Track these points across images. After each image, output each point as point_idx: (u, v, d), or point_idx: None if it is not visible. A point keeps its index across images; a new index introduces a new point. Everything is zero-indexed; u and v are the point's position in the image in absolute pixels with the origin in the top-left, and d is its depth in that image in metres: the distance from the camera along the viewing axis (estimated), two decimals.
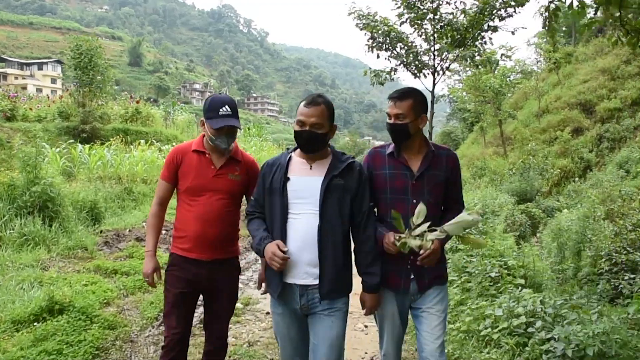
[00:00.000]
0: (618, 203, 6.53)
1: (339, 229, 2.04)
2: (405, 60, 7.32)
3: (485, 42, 7.35)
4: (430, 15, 6.95)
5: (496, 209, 9.18)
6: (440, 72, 7.66)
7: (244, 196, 2.47)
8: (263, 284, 2.38)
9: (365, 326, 4.05)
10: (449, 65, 7.52)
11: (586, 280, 4.83)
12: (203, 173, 2.30)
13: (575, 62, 21.38)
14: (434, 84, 7.62)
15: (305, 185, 2.04)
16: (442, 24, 7.06)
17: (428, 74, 7.67)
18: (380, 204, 2.19)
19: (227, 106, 2.25)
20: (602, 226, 5.94)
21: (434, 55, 7.37)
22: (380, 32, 7.31)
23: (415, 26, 7.20)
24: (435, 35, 7.18)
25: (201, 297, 2.45)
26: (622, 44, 3.66)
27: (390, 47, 7.48)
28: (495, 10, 6.76)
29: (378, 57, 7.64)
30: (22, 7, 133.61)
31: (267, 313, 4.20)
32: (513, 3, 6.37)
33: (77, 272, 4.84)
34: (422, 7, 6.86)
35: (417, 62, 7.37)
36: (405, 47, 7.45)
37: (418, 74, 7.63)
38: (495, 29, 7.11)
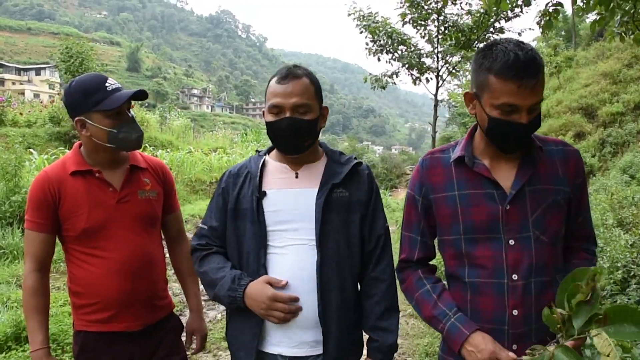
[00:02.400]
0: (633, 210, 6.22)
1: (347, 266, 1.34)
2: (407, 62, 7.03)
3: None
4: (435, 16, 6.68)
5: None
6: (445, 75, 7.37)
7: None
8: (194, 338, 1.71)
9: None
10: (453, 68, 7.23)
11: (608, 297, 4.52)
12: (100, 202, 1.49)
13: (576, 66, 21.23)
14: (437, 88, 7.34)
15: (290, 202, 1.35)
16: (446, 25, 6.78)
17: (431, 78, 7.38)
18: (447, 250, 1.33)
19: (110, 80, 1.49)
20: (615, 235, 5.65)
21: (438, 58, 7.10)
22: (381, 33, 7.02)
23: (419, 27, 6.93)
24: (439, 36, 6.89)
25: None
26: (624, 41, 3.46)
27: (391, 50, 7.19)
28: (501, 11, 6.49)
29: (379, 60, 7.36)
30: (21, 13, 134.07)
31: None
32: (520, 2, 6.11)
33: (56, 289, 4.49)
34: (426, 7, 6.59)
35: (420, 65, 7.08)
36: (408, 50, 7.17)
37: (420, 77, 7.33)
38: (501, 30, 6.85)
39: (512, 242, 1.23)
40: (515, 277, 1.22)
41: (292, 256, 1.33)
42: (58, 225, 1.51)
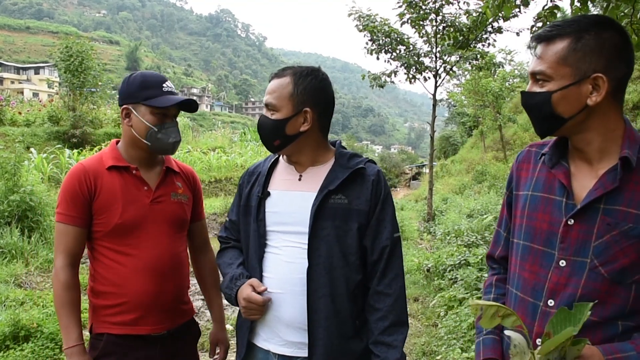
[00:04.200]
0: None
1: (341, 276, 1.29)
2: (406, 62, 7.04)
3: (489, 44, 7.09)
4: (433, 16, 6.69)
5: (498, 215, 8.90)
6: (443, 75, 7.38)
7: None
8: (218, 349, 1.72)
9: None
10: (451, 67, 7.24)
11: None
12: (135, 199, 1.48)
13: None
14: (436, 87, 7.35)
15: (289, 204, 1.34)
16: (444, 25, 6.79)
17: (429, 77, 7.40)
18: (511, 252, 1.19)
19: (168, 83, 1.51)
20: None
21: (436, 58, 7.10)
22: (380, 33, 7.03)
23: (417, 27, 6.93)
24: (437, 36, 6.90)
25: None
26: None
27: (390, 49, 7.20)
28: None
29: (378, 59, 7.39)
30: (20, 12, 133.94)
31: None
32: (519, 2, 6.10)
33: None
34: (424, 7, 6.59)
35: (418, 65, 7.09)
36: (407, 49, 7.18)
37: (418, 77, 7.34)
38: (499, 30, 6.86)
39: (562, 263, 1.04)
40: (551, 302, 1.05)
41: (286, 257, 1.32)
42: (90, 220, 1.48)
